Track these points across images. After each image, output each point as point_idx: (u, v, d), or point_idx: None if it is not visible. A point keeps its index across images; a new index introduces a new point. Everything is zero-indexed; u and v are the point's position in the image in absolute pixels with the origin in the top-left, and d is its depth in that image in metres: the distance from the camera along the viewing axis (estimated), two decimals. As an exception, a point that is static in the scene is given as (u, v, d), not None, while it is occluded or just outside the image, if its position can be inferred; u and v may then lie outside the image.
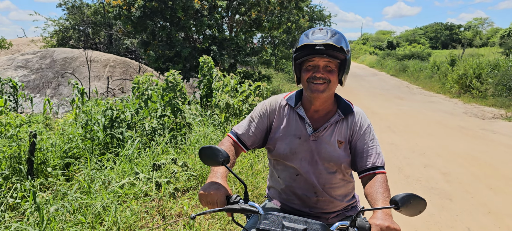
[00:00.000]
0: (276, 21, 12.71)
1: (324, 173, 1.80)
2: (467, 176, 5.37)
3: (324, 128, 1.79)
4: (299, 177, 1.82)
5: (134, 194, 3.68)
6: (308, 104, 1.82)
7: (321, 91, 1.70)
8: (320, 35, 1.66)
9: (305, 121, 1.81)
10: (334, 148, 1.78)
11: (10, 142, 4.47)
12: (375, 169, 1.75)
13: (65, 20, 20.12)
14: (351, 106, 1.85)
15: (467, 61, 16.46)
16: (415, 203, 1.43)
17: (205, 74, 7.54)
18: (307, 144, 1.79)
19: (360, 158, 1.79)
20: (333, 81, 1.71)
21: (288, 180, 1.85)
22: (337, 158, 1.78)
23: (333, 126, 1.80)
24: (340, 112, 1.81)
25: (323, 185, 1.81)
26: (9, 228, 2.97)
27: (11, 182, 3.98)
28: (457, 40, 57.28)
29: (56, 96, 13.03)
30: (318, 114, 1.82)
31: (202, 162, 1.59)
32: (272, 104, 1.89)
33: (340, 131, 1.80)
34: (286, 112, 1.86)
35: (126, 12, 10.89)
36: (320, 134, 1.79)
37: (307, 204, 1.85)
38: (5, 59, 15.03)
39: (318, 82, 1.69)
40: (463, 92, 14.52)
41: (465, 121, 9.52)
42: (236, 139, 1.87)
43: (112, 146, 4.95)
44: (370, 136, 1.82)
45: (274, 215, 1.46)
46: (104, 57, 14.87)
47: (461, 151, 6.67)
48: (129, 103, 5.72)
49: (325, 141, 1.78)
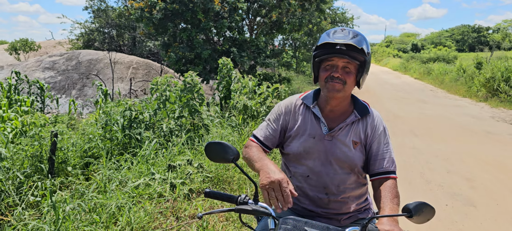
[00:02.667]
0: (297, 23, 12.63)
1: (338, 174, 1.77)
2: (493, 183, 5.16)
3: (340, 128, 1.77)
4: (310, 178, 1.79)
5: (148, 194, 3.69)
6: (324, 104, 1.80)
7: (337, 91, 1.69)
8: (342, 35, 1.65)
9: (320, 121, 1.79)
10: (349, 149, 1.75)
11: (33, 141, 4.58)
12: (387, 173, 1.75)
13: (90, 23, 20.65)
14: (368, 107, 1.83)
15: (495, 64, 15.92)
16: (426, 211, 1.43)
17: (224, 76, 7.56)
18: (321, 144, 1.77)
19: (373, 161, 1.78)
20: (349, 82, 1.70)
21: (299, 180, 1.83)
22: (351, 159, 1.75)
23: (348, 127, 1.78)
24: (356, 113, 1.80)
25: (337, 186, 1.78)
26: (27, 226, 3.03)
27: (33, 180, 4.07)
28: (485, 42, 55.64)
29: (81, 97, 13.35)
30: (333, 114, 1.80)
31: (209, 159, 1.53)
32: (287, 105, 1.89)
33: (355, 132, 1.78)
34: (302, 112, 1.84)
35: (148, 14, 11.05)
36: (335, 134, 1.76)
37: (318, 204, 1.82)
38: (33, 60, 15.53)
39: (335, 82, 1.68)
40: (491, 96, 14.04)
41: (492, 126, 9.19)
42: (258, 142, 1.87)
43: (130, 146, 5.00)
44: (385, 140, 1.81)
45: (295, 220, 1.41)
46: (127, 59, 15.16)
47: (487, 156, 6.43)
48: (147, 104, 5.77)
49: (340, 141, 1.76)
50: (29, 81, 9.16)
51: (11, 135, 5.37)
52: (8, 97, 8.25)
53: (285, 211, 1.89)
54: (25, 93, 10.19)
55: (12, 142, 5.19)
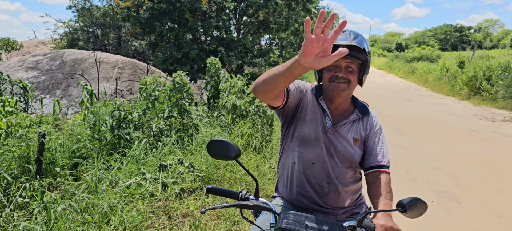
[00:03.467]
0: (284, 22, 12.70)
1: (338, 167, 1.86)
2: (477, 179, 5.31)
3: (343, 124, 1.87)
4: (315, 166, 1.86)
5: (140, 194, 3.69)
6: (328, 102, 1.90)
7: (342, 90, 1.78)
8: (344, 37, 1.73)
9: (326, 114, 1.88)
10: (349, 144, 1.86)
11: (20, 142, 4.52)
12: (380, 167, 1.84)
13: (74, 22, 20.34)
14: (367, 107, 1.95)
15: (477, 63, 16.28)
16: (419, 206, 1.49)
17: (212, 76, 7.55)
18: (325, 136, 1.86)
19: (368, 155, 1.88)
20: (353, 81, 1.79)
21: (304, 166, 1.88)
22: (351, 154, 1.86)
23: (351, 124, 1.89)
24: (357, 112, 1.91)
25: (337, 178, 1.87)
26: (17, 227, 3.00)
27: (20, 181, 4.02)
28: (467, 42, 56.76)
29: (66, 97, 13.15)
30: (337, 111, 1.90)
31: (211, 156, 1.54)
32: (305, 87, 1.93)
33: (356, 129, 1.89)
34: (313, 100, 1.92)
35: (135, 14, 10.97)
36: (338, 128, 1.86)
37: (319, 193, 1.88)
38: (16, 60, 15.22)
39: (339, 82, 1.77)
40: (473, 94, 14.36)
41: (475, 124, 9.42)
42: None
43: (119, 146, 4.97)
44: (380, 137, 1.93)
45: (296, 215, 1.44)
46: (112, 58, 14.99)
47: (470, 154, 6.60)
48: (136, 104, 5.75)
49: (341, 137, 1.86)
50: (11, 81, 8.99)
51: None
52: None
53: (285, 206, 1.93)
54: (7, 94, 10.00)
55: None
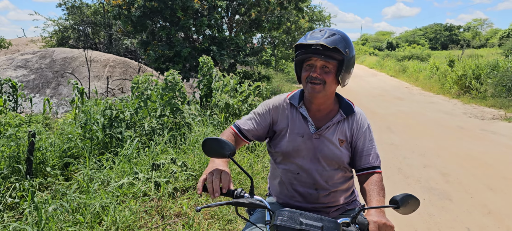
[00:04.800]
0: (276, 21, 12.70)
1: (326, 171, 1.85)
2: (467, 177, 5.37)
3: (327, 127, 1.83)
4: (300, 175, 1.86)
5: (133, 193, 3.67)
6: (309, 104, 1.86)
7: (317, 92, 1.74)
8: (318, 36, 1.69)
9: (307, 120, 1.85)
10: (335, 147, 1.83)
11: (9, 141, 4.46)
12: (373, 168, 1.85)
13: (64, 20, 20.10)
14: (352, 106, 1.90)
15: (467, 62, 16.46)
16: (412, 202, 1.52)
17: (205, 74, 7.54)
18: (309, 142, 1.83)
19: (359, 157, 1.87)
20: (329, 82, 1.74)
21: (290, 177, 1.89)
22: (338, 156, 1.83)
23: (335, 125, 1.85)
24: (342, 112, 1.86)
25: (326, 182, 1.86)
26: (7, 228, 2.96)
27: (10, 181, 3.97)
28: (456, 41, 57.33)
29: (56, 96, 13.01)
30: (320, 113, 1.87)
31: (206, 154, 1.55)
32: (275, 103, 1.93)
33: (341, 130, 1.85)
34: (289, 111, 1.89)
35: (126, 12, 10.88)
36: (322, 132, 1.83)
37: (309, 200, 1.89)
38: (4, 59, 15.01)
39: (314, 82, 1.73)
40: (463, 92, 14.52)
41: (464, 122, 9.52)
42: (237, 131, 1.90)
43: (111, 145, 4.94)
44: (369, 137, 1.90)
45: (290, 212, 1.46)
46: (103, 57, 14.86)
47: (460, 151, 6.67)
48: (128, 103, 5.71)
49: (327, 140, 1.83)
50: (0, 80, 8.86)
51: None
52: (-22, 96, 7.97)
53: (278, 204, 1.95)
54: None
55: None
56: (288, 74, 23.61)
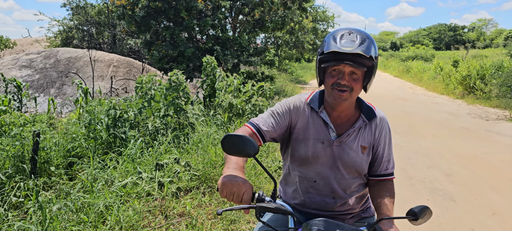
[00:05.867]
0: (280, 21, 12.71)
1: (345, 179, 1.77)
2: (471, 178, 5.34)
3: (348, 134, 1.75)
4: (317, 183, 1.78)
5: (136, 193, 3.68)
6: (330, 109, 1.76)
7: (344, 100, 1.65)
8: (349, 42, 1.57)
9: (328, 126, 1.75)
10: (357, 154, 1.75)
11: (14, 141, 4.48)
12: (389, 175, 1.82)
13: (69, 20, 20.20)
14: (374, 111, 1.81)
15: (471, 62, 16.39)
16: (428, 214, 1.51)
17: (208, 74, 7.54)
18: (329, 149, 1.74)
19: (378, 163, 1.81)
20: (356, 89, 1.66)
21: (306, 184, 1.80)
22: (359, 164, 1.76)
23: (356, 132, 1.77)
24: (363, 117, 1.77)
25: (344, 190, 1.78)
26: (12, 227, 2.98)
27: (15, 181, 3.99)
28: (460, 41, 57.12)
29: (60, 96, 13.06)
30: (341, 119, 1.77)
31: (226, 152, 1.43)
32: (296, 103, 1.80)
33: (363, 137, 1.77)
34: (309, 115, 1.78)
35: (130, 12, 10.92)
36: (343, 139, 1.74)
37: (324, 208, 1.81)
38: (9, 58, 15.09)
39: (341, 89, 1.62)
40: (467, 93, 14.46)
41: (469, 123, 9.48)
42: (255, 131, 1.73)
43: (115, 145, 4.95)
44: (389, 142, 1.83)
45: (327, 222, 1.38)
46: (107, 57, 14.91)
47: (465, 152, 6.64)
48: (132, 103, 5.72)
49: (348, 147, 1.74)
50: (5, 79, 8.91)
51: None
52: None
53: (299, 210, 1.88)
54: (1, 92, 9.92)
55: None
56: (291, 74, 23.60)
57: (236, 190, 1.38)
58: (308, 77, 24.63)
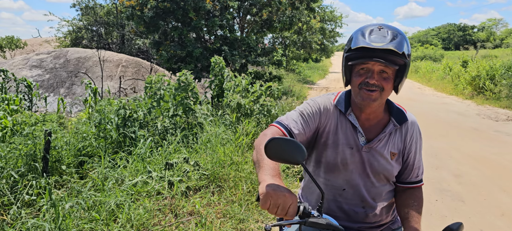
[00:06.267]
0: (287, 21, 12.73)
1: (375, 186, 1.66)
2: (480, 178, 5.32)
3: (379, 140, 1.62)
4: (346, 191, 1.66)
5: (146, 192, 3.73)
6: (358, 111, 1.63)
7: (373, 100, 1.51)
8: (379, 37, 1.45)
9: (357, 130, 1.62)
10: (387, 161, 1.64)
11: (26, 140, 4.56)
12: (419, 182, 1.73)
13: (78, 20, 20.41)
14: (405, 113, 1.67)
15: (480, 62, 16.26)
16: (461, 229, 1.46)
17: (217, 74, 7.59)
18: (358, 155, 1.62)
19: (408, 170, 1.71)
20: (387, 89, 1.52)
21: (334, 193, 1.68)
22: (389, 171, 1.65)
23: (387, 137, 1.64)
24: (394, 121, 1.64)
25: (373, 198, 1.67)
26: (25, 224, 3.04)
27: (27, 179, 4.06)
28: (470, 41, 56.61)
29: (70, 96, 13.21)
30: (369, 122, 1.64)
31: (270, 158, 1.28)
32: (325, 104, 1.66)
33: (393, 142, 1.65)
34: (337, 118, 1.65)
35: (139, 13, 11.01)
36: (373, 145, 1.62)
37: (354, 219, 1.69)
38: (20, 58, 15.30)
39: (370, 89, 1.49)
40: (476, 93, 14.35)
41: (478, 123, 9.41)
42: (286, 133, 1.55)
43: (124, 145, 5.01)
44: (420, 149, 1.73)
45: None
46: (116, 57, 15.04)
47: (474, 153, 6.60)
48: (141, 103, 5.79)
49: (378, 153, 1.62)
50: (16, 79, 9.04)
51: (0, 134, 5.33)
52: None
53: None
54: (12, 92, 10.06)
55: (2, 141, 5.16)
56: (299, 74, 23.58)
57: (281, 202, 1.22)
58: (315, 77, 24.59)
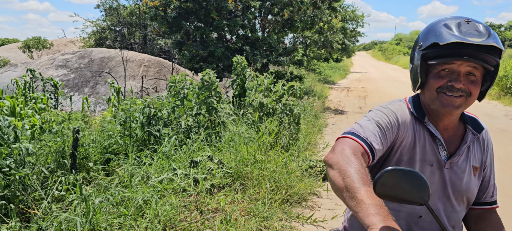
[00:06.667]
0: (309, 21, 12.68)
1: (455, 211, 1.40)
2: (508, 181, 5.17)
3: (460, 153, 1.38)
4: (422, 219, 1.36)
5: (172, 189, 3.78)
6: (435, 120, 1.37)
7: (456, 107, 1.26)
8: (474, 32, 1.19)
9: (438, 143, 1.35)
10: (470, 178, 1.39)
11: (55, 137, 4.70)
12: (494, 204, 1.50)
13: (102, 21, 20.86)
14: (478, 120, 1.45)
15: (508, 62, 15.80)
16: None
17: (239, 74, 7.62)
18: (439, 174, 1.35)
19: (484, 188, 1.48)
20: (474, 94, 1.27)
21: (408, 222, 1.37)
22: (472, 190, 1.40)
23: (467, 149, 1.40)
24: (472, 129, 1.40)
25: (453, 226, 1.41)
26: (57, 218, 3.13)
27: (57, 175, 4.18)
28: (496, 40, 55.05)
29: (93, 95, 13.52)
30: (448, 133, 1.38)
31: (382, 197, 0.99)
32: (402, 114, 1.36)
33: (474, 155, 1.42)
34: (414, 128, 1.36)
35: (162, 13, 11.18)
36: (455, 160, 1.37)
37: None
38: (46, 59, 15.75)
39: (454, 95, 1.24)
40: (503, 94, 13.95)
41: (506, 124, 9.16)
42: (368, 149, 1.22)
43: (149, 143, 5.10)
44: (493, 161, 1.51)
45: None
46: (139, 57, 15.30)
47: (502, 155, 6.43)
48: (165, 102, 5.87)
49: (460, 170, 1.37)
50: (43, 79, 9.31)
51: (29, 132, 5.51)
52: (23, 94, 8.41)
53: None
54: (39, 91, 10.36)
55: (32, 138, 5.32)
56: (319, 74, 23.43)
57: None
58: (336, 77, 24.37)
